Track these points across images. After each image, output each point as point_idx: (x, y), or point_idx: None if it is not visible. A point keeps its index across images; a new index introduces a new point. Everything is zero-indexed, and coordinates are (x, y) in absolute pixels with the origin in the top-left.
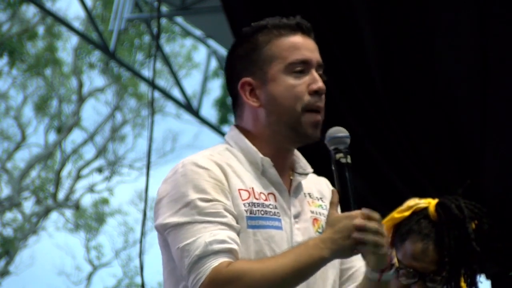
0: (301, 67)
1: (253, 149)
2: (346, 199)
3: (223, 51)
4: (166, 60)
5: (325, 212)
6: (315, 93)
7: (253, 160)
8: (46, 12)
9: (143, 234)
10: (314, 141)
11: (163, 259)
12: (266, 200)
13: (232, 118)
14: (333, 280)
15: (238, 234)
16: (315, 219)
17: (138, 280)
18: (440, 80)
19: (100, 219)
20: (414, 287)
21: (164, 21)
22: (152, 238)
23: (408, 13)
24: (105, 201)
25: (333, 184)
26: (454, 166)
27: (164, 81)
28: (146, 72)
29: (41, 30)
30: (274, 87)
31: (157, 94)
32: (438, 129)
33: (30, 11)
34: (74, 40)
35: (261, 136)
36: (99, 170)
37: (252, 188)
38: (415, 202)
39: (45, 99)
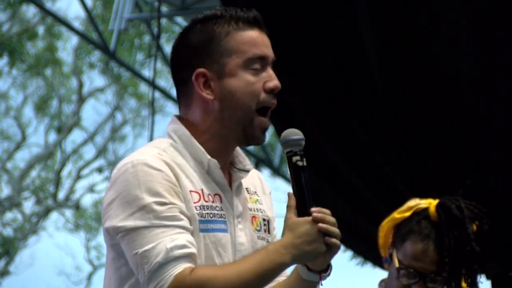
0: (259, 64)
1: (200, 149)
2: (303, 202)
3: None
4: (166, 60)
5: (261, 207)
6: (271, 91)
7: (199, 159)
8: (46, 12)
9: None
10: (259, 145)
11: (108, 257)
12: (213, 202)
13: None
14: None
15: (193, 235)
16: (253, 217)
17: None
18: (442, 80)
19: (100, 219)
20: (415, 287)
21: (164, 21)
22: None
23: (410, 12)
24: None
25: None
26: (457, 167)
27: (164, 81)
28: (146, 72)
29: (41, 30)
30: (232, 82)
31: (157, 94)
32: (440, 129)
33: (30, 11)
34: (74, 40)
35: (208, 130)
36: (99, 170)
37: (202, 189)
38: (415, 203)
39: (45, 99)
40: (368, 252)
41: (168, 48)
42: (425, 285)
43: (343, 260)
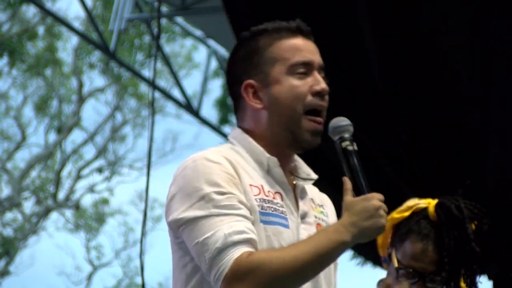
0: (304, 69)
1: (259, 148)
2: (358, 184)
3: (223, 51)
4: (166, 60)
5: (327, 219)
6: (318, 94)
7: (258, 159)
8: (46, 12)
9: (143, 234)
10: (312, 148)
11: (175, 257)
12: (274, 198)
13: (232, 118)
14: (335, 285)
15: (253, 226)
16: (318, 224)
17: (138, 280)
18: (442, 80)
19: (100, 219)
20: (414, 287)
21: (164, 21)
22: (153, 238)
23: (410, 12)
24: (105, 201)
25: (340, 175)
26: (457, 167)
27: (164, 81)
28: (146, 72)
29: (41, 30)
30: (276, 88)
31: (157, 94)
32: (440, 129)
33: (30, 11)
34: (74, 40)
35: (263, 138)
36: (99, 170)
37: (262, 185)
38: (414, 203)
39: (45, 99)
40: (368, 252)
41: (168, 48)
42: (424, 285)
43: (343, 260)
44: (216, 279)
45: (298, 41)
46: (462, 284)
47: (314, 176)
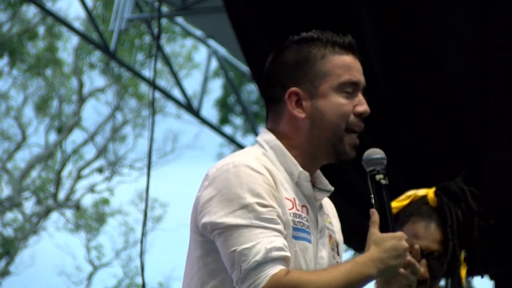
0: (351, 88)
1: (293, 161)
2: (385, 219)
3: (223, 51)
4: (167, 60)
5: (334, 229)
6: (360, 115)
7: (290, 170)
8: (46, 12)
9: (143, 234)
10: (349, 159)
11: (192, 255)
12: (302, 212)
13: (232, 118)
14: None
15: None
16: (330, 236)
17: (138, 280)
18: (441, 77)
19: (101, 219)
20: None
21: (164, 21)
22: (153, 238)
23: (411, 12)
24: (105, 201)
25: (352, 185)
26: (456, 166)
27: (164, 81)
28: (147, 72)
29: (41, 30)
30: (323, 103)
31: (157, 94)
32: (442, 129)
33: (30, 11)
34: (74, 40)
35: (298, 147)
36: (100, 170)
37: (294, 198)
38: (413, 192)
39: (46, 99)
40: None
41: (168, 48)
42: (428, 265)
43: (345, 259)
44: None
45: (350, 59)
46: (463, 271)
47: (331, 188)
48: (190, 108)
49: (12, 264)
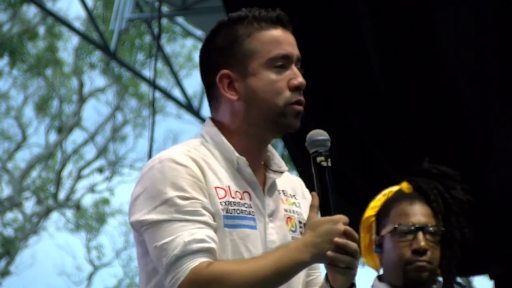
0: (282, 62)
1: (229, 147)
2: (326, 202)
3: None
4: (167, 60)
5: (299, 210)
6: (296, 88)
7: (229, 157)
8: (46, 12)
9: None
10: (294, 131)
11: (137, 254)
12: (241, 199)
13: None
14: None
15: (215, 233)
16: (289, 218)
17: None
18: (442, 76)
19: (101, 219)
20: (414, 244)
21: (164, 21)
22: None
23: (410, 12)
24: (105, 201)
25: (309, 186)
26: (456, 164)
27: (164, 81)
28: (147, 72)
29: (41, 30)
30: (254, 81)
31: (158, 94)
32: (440, 127)
33: (30, 11)
34: (74, 40)
35: (238, 130)
36: (100, 170)
37: (229, 186)
38: (386, 190)
39: (46, 99)
40: None
41: (168, 48)
42: (424, 238)
43: None
44: (171, 286)
45: (278, 33)
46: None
47: (285, 168)
48: (191, 108)
49: (12, 264)
